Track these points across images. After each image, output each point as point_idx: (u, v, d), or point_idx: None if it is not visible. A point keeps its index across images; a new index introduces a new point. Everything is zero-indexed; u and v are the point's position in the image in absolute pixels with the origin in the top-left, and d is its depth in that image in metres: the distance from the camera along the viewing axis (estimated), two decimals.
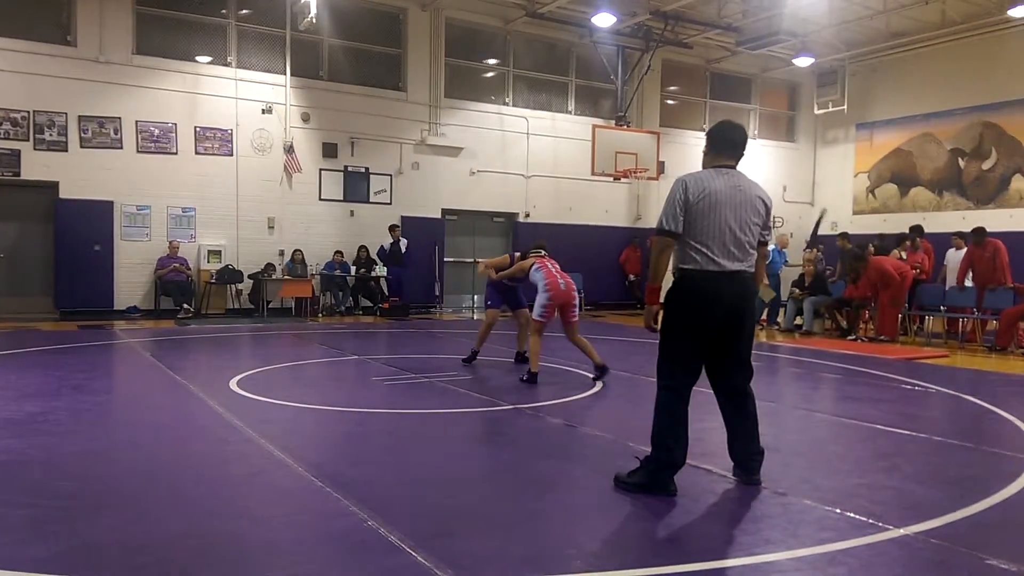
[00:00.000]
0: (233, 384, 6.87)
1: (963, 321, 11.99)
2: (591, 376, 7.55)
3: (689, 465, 4.11)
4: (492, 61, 17.06)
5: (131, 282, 13.45)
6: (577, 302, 7.60)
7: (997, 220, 15.88)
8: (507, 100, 16.92)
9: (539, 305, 7.38)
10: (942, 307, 12.08)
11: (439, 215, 16.16)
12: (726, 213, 3.87)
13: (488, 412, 6.11)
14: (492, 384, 7.40)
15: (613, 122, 17.13)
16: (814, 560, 3.12)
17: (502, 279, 8.11)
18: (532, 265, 7.63)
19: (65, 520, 3.39)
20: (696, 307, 3.90)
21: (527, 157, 16.97)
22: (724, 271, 3.87)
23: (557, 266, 7.66)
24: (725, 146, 4.06)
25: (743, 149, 4.09)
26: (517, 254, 8.38)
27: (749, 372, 4.14)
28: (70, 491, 3.83)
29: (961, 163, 17.80)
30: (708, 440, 4.80)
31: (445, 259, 16.21)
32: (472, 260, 16.63)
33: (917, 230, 13.19)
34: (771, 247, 3.81)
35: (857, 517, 3.62)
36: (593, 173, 16.14)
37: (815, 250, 14.12)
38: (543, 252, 7.85)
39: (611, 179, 16.70)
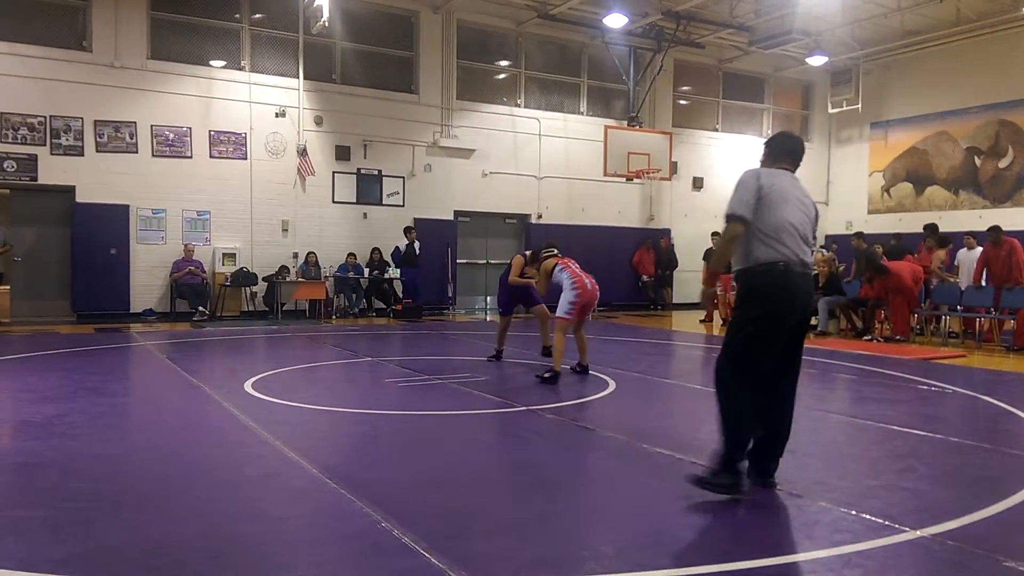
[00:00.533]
0: (248, 386, 6.91)
1: (980, 321, 11.88)
2: (569, 367, 7.84)
3: (702, 467, 4.09)
4: (504, 63, 17.08)
5: (147, 285, 13.56)
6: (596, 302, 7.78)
7: (1014, 219, 15.75)
8: (519, 102, 16.93)
9: (567, 302, 7.37)
10: (959, 306, 11.97)
11: (451, 217, 16.19)
12: (791, 209, 3.93)
13: (502, 414, 6.11)
14: (506, 386, 7.40)
15: (625, 123, 17.12)
16: (829, 562, 3.10)
17: (544, 291, 8.01)
18: (555, 266, 7.63)
19: (82, 522, 3.42)
20: (778, 299, 3.86)
21: (539, 158, 16.97)
22: (800, 265, 3.90)
23: (578, 265, 7.67)
24: (784, 154, 4.15)
25: (801, 159, 4.18)
26: (528, 253, 8.42)
27: (795, 377, 4.06)
28: (87, 493, 3.86)
29: (977, 161, 17.64)
30: None
31: (458, 261, 16.24)
32: (484, 262, 16.70)
33: (932, 229, 13.07)
34: None
35: (872, 519, 3.59)
36: (605, 174, 16.14)
37: (829, 250, 14.03)
38: (556, 251, 7.85)
39: (623, 180, 16.70)
